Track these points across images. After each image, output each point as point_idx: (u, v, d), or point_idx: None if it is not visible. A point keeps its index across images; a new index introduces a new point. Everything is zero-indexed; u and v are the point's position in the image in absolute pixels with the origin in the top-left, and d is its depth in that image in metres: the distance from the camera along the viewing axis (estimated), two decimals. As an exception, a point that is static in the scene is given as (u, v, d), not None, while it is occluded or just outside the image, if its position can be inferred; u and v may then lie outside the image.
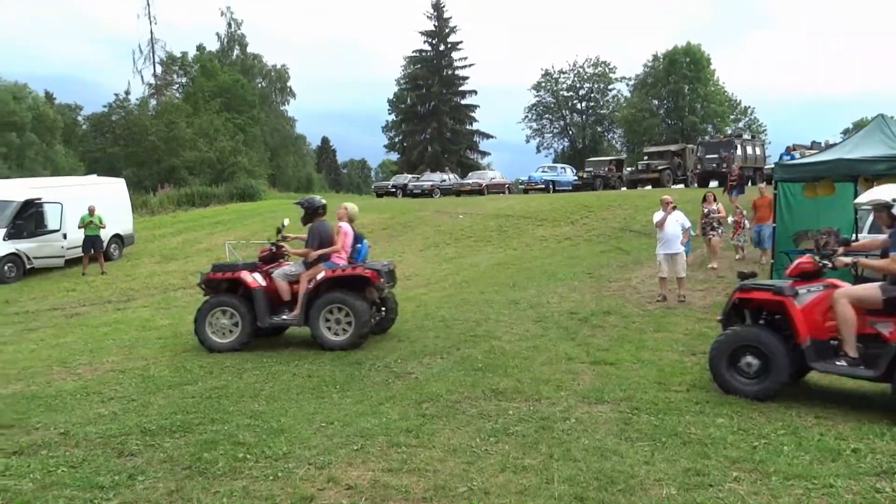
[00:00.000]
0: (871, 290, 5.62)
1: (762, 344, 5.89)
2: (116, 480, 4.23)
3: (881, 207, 5.75)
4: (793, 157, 20.84)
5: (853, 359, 5.57)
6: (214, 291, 8.62)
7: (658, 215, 11.17)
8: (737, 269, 12.40)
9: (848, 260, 6.07)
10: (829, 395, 6.06)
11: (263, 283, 8.50)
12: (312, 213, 8.70)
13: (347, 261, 8.64)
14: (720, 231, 13.66)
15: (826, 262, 5.97)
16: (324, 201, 8.92)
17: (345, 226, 8.79)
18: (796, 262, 6.24)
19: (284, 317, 8.46)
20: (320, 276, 8.34)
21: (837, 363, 5.66)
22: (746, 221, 14.32)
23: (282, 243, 9.06)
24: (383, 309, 9.05)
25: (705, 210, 13.57)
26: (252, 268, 8.69)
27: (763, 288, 6.10)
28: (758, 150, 32.31)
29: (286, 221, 9.40)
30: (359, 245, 8.98)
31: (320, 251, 8.45)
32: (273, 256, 8.94)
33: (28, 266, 17.56)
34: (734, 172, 21.83)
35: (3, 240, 16.93)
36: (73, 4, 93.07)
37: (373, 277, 8.28)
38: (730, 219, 14.17)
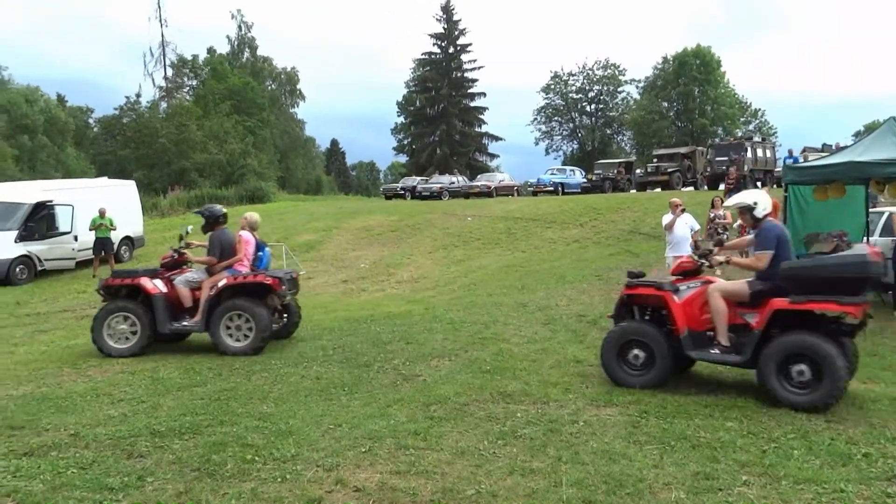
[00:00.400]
0: (740, 285, 6.23)
1: (647, 337, 6.42)
2: (126, 482, 4.24)
3: (745, 209, 6.37)
4: (796, 161, 20.77)
5: (725, 347, 6.15)
6: (113, 297, 8.70)
7: (667, 218, 11.14)
8: (736, 276, 12.40)
9: (722, 258, 6.58)
10: (839, 399, 6.00)
11: (164, 290, 8.60)
12: (213, 221, 8.91)
13: (250, 269, 8.78)
14: (726, 237, 13.44)
15: (704, 261, 6.56)
16: (224, 210, 9.17)
17: (246, 234, 8.96)
18: (678, 261, 6.92)
19: (185, 323, 8.59)
20: (222, 283, 8.46)
21: (711, 351, 6.24)
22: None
23: (184, 250, 9.11)
24: (285, 315, 9.26)
25: (711, 215, 13.20)
26: (153, 274, 8.81)
27: (647, 285, 6.64)
28: (768, 153, 32.12)
29: (189, 229, 9.47)
30: (260, 253, 9.12)
31: (225, 262, 8.62)
32: (175, 263, 9.01)
33: (39, 268, 17.68)
34: (731, 176, 21.62)
35: (15, 242, 17.06)
36: (86, 8, 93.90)
37: (274, 285, 8.46)
38: (735, 224, 14.01)
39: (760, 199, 6.36)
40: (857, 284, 5.81)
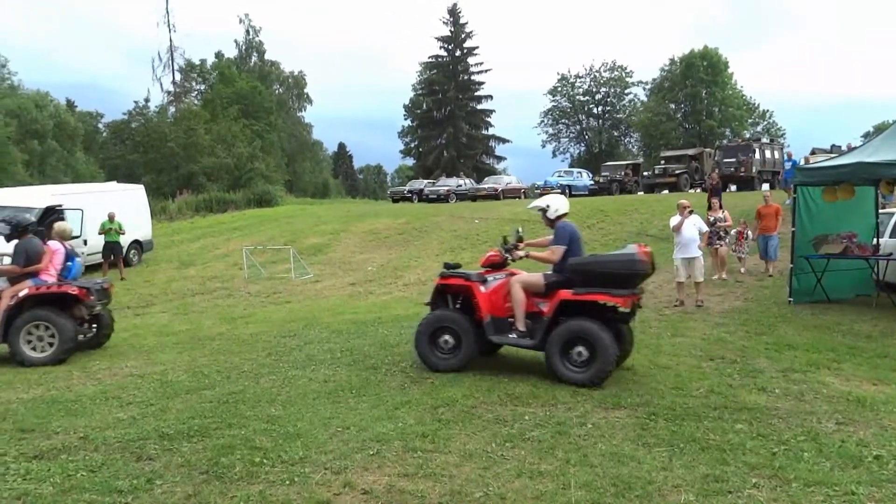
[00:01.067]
0: (537, 277, 6.98)
1: (455, 324, 7.10)
2: (135, 485, 4.26)
3: (540, 211, 7.31)
4: (795, 163, 20.64)
5: (521, 332, 6.92)
6: None
7: (675, 219, 11.11)
8: (738, 280, 12.30)
9: (522, 253, 7.25)
10: (850, 401, 5.97)
11: None
12: (21, 230, 8.81)
13: (57, 278, 8.69)
14: (727, 240, 13.15)
15: (508, 255, 7.28)
16: (33, 219, 9.06)
17: (54, 244, 8.87)
18: (487, 254, 7.53)
19: None
20: (23, 293, 8.39)
21: (510, 336, 6.99)
22: (749, 232, 13.79)
23: None
24: (94, 326, 9.25)
25: (711, 218, 12.91)
26: None
27: (457, 276, 7.27)
28: (776, 154, 32.01)
29: None
30: (70, 263, 9.00)
31: (25, 271, 8.51)
32: None
33: (49, 272, 17.76)
34: (714, 180, 21.06)
35: (25, 246, 17.15)
36: (94, 14, 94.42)
37: (81, 295, 8.45)
38: (732, 230, 13.62)
39: (552, 203, 7.34)
40: (627, 279, 6.67)
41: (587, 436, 5.06)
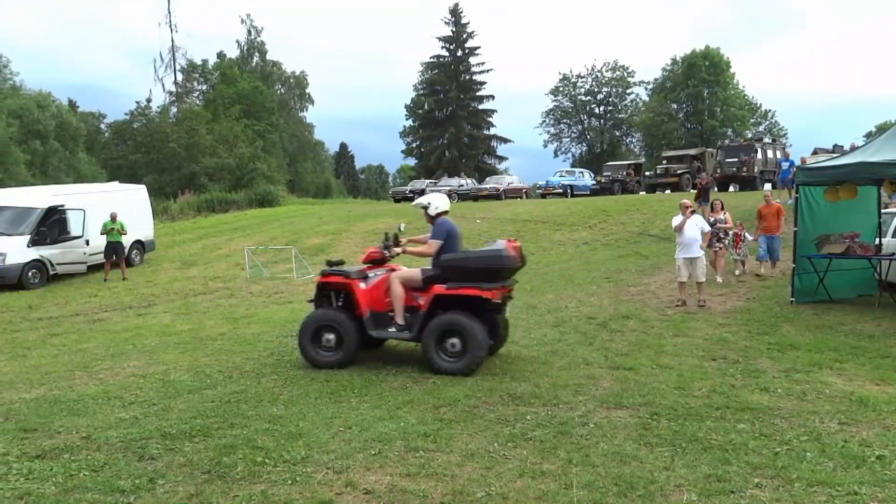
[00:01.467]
0: (415, 272, 7.32)
1: (336, 322, 7.28)
2: (137, 484, 4.26)
3: (422, 209, 7.60)
4: (792, 164, 20.59)
5: (401, 326, 7.21)
6: None
7: (677, 219, 11.09)
8: (740, 280, 12.26)
9: (399, 249, 7.64)
10: (852, 402, 5.96)
11: None
12: None
13: None
14: (727, 242, 12.94)
15: (386, 252, 7.57)
16: None
17: None
18: (368, 251, 7.72)
19: None
20: None
21: (389, 330, 7.28)
22: (747, 234, 13.38)
23: None
24: None
25: (711, 219, 12.71)
26: None
27: (337, 274, 7.43)
28: (779, 154, 31.95)
29: None
30: None
31: None
32: None
33: (51, 272, 17.80)
34: (703, 180, 20.65)
35: (27, 246, 17.18)
36: (96, 14, 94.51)
37: None
38: (731, 232, 13.18)
39: (433, 201, 7.64)
40: (496, 273, 7.04)
41: (589, 435, 5.05)
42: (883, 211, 12.12)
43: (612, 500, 3.93)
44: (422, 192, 37.87)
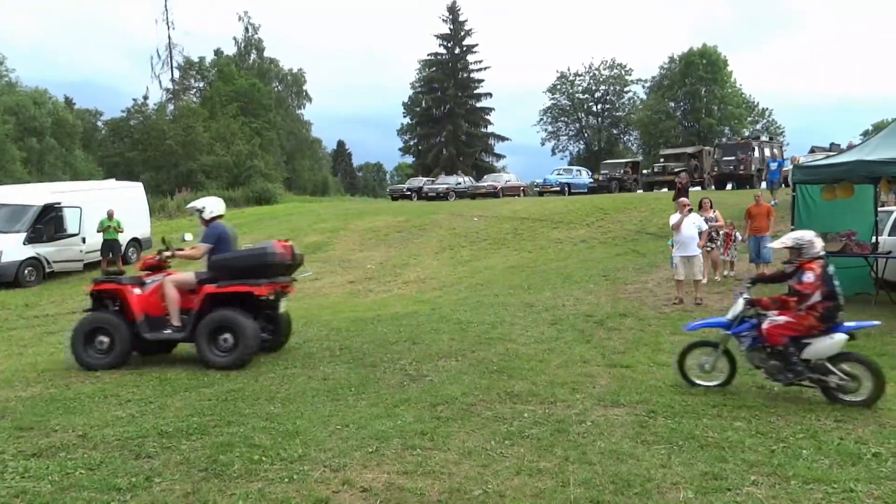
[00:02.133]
0: (188, 275, 7.73)
1: (109, 325, 7.61)
2: (134, 482, 4.25)
3: (197, 212, 7.90)
4: (781, 164, 20.57)
5: (176, 327, 7.59)
6: None
7: (675, 217, 11.09)
8: (738, 279, 12.23)
9: (169, 253, 7.95)
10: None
11: None
12: None
13: None
14: (718, 242, 12.63)
15: (159, 256, 7.97)
16: None
17: None
18: (144, 259, 8.20)
19: None
20: None
21: (164, 332, 7.65)
22: (738, 234, 12.92)
23: None
24: None
25: (703, 217, 12.24)
26: None
27: (109, 281, 7.88)
28: (776, 152, 32.00)
29: None
30: None
31: None
32: None
33: (48, 270, 17.77)
34: (682, 179, 20.16)
35: (24, 244, 17.15)
36: (93, 11, 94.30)
37: None
38: (721, 231, 12.70)
39: (208, 205, 7.99)
40: (263, 270, 7.49)
41: (586, 433, 5.06)
42: (879, 209, 12.12)
43: (608, 498, 3.94)
44: (419, 190, 37.97)
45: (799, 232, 6.62)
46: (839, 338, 5.82)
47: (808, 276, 5.89)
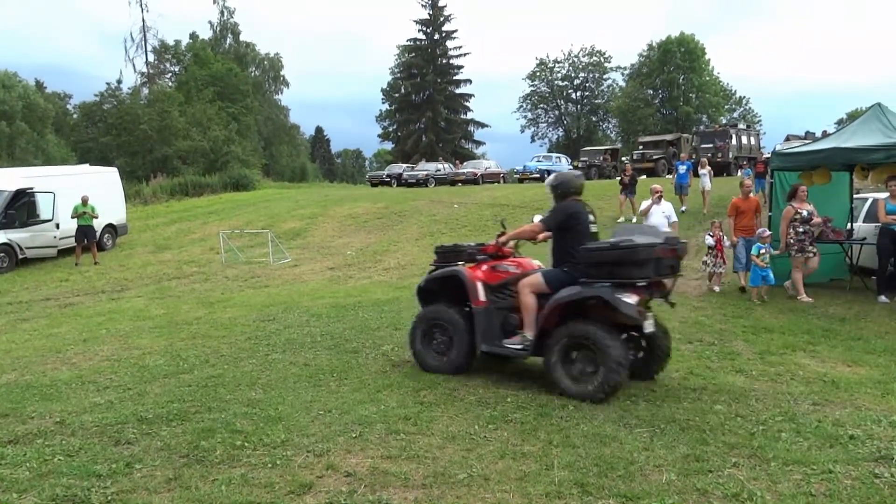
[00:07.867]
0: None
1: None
2: (114, 469, 4.19)
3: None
4: (689, 167, 20.47)
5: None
6: None
7: (645, 204, 11.11)
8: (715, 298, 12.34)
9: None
10: (825, 383, 6.07)
11: None
12: None
13: None
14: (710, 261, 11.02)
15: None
16: None
17: None
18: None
19: None
20: None
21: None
22: (726, 239, 11.13)
23: None
24: None
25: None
26: None
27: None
28: (753, 140, 32.36)
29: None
30: None
31: None
32: None
33: (20, 256, 17.46)
34: (627, 170, 19.32)
35: (-5, 230, 16.83)
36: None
37: None
38: (707, 238, 11.16)
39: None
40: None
41: (569, 417, 5.08)
42: (855, 196, 12.30)
43: (592, 480, 3.96)
44: (399, 177, 37.79)
45: None
46: None
47: None
